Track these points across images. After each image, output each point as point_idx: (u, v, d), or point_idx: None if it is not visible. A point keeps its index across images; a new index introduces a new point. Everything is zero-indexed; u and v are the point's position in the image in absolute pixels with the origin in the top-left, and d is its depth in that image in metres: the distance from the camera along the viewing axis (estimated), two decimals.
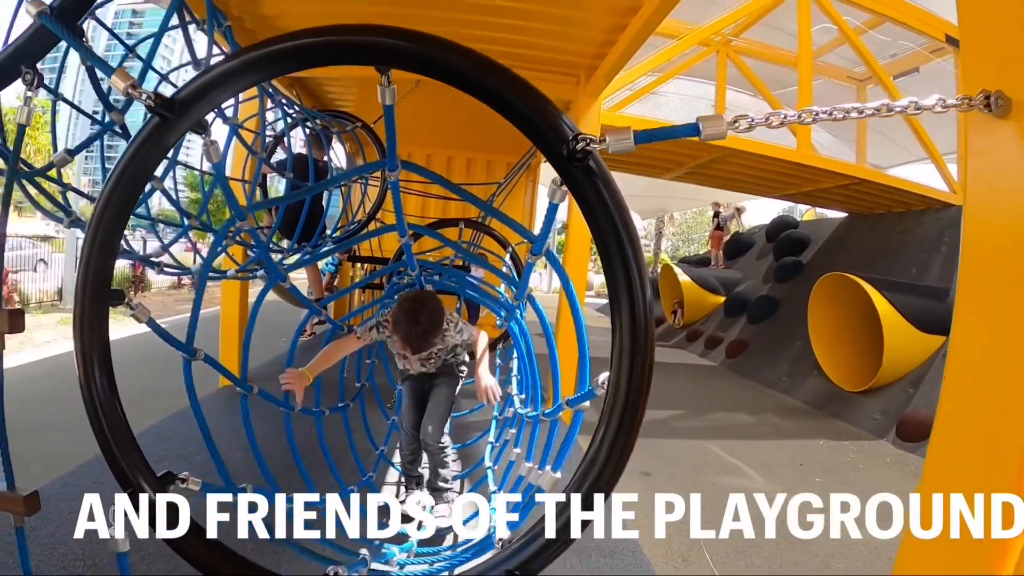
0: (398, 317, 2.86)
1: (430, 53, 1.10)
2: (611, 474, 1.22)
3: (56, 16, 1.33)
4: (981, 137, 1.13)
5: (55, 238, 17.91)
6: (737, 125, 1.02)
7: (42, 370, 7.79)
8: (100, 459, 3.41)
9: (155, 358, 8.40)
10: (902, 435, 7.13)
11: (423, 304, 2.90)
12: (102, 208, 1.23)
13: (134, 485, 1.33)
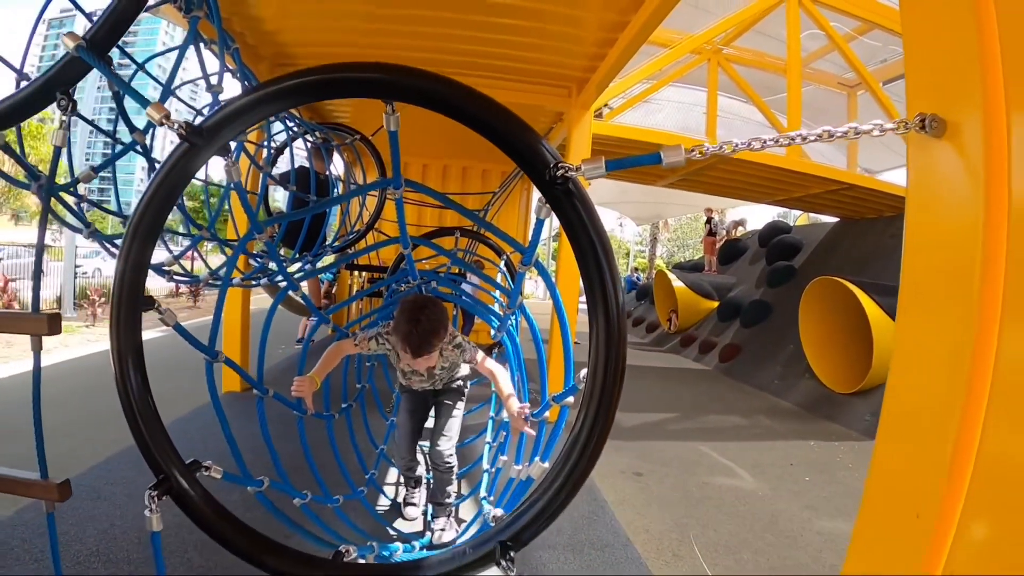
0: (398, 319, 2.80)
1: (433, 89, 1.26)
2: (593, 450, 1.37)
3: (89, 47, 1.47)
4: (920, 155, 1.27)
5: (51, 247, 17.94)
6: (693, 153, 1.16)
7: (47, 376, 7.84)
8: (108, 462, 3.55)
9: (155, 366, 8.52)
10: None
11: (424, 306, 2.83)
12: (136, 223, 1.37)
13: (166, 471, 1.45)
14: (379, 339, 3.06)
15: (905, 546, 1.23)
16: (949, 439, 1.15)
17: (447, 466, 3.34)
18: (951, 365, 1.17)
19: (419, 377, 3.27)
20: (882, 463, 1.33)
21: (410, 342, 2.72)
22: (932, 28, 1.30)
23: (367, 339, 3.08)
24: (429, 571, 1.55)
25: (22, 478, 1.71)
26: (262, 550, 1.53)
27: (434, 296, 3.46)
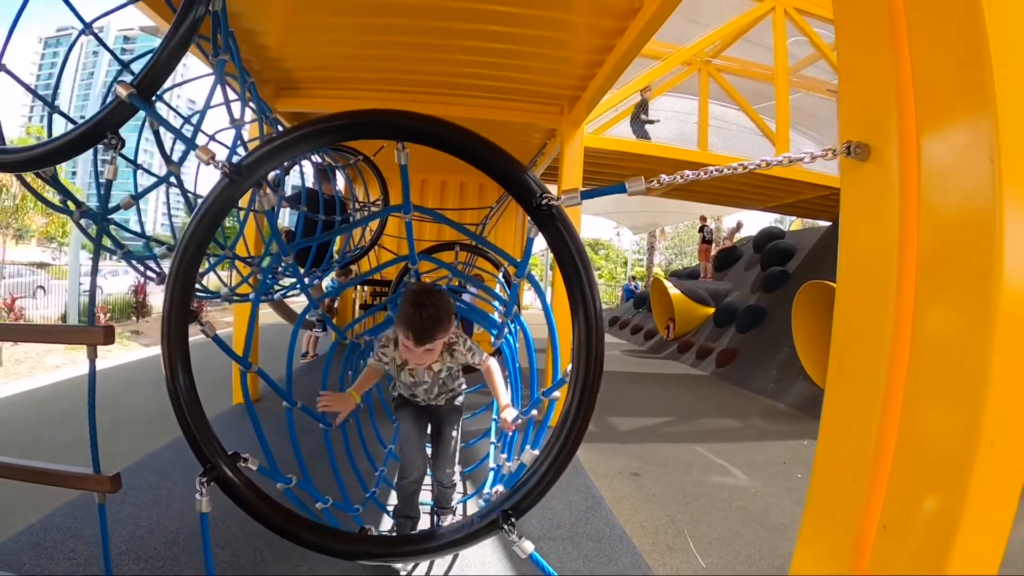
0: (402, 305, 2.68)
1: (439, 133, 1.50)
2: (579, 428, 1.61)
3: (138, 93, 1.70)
4: (849, 177, 1.50)
5: (52, 265, 18.15)
6: (652, 183, 1.40)
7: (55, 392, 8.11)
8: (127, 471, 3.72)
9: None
10: None
11: (429, 291, 2.74)
12: (184, 247, 1.60)
13: (212, 461, 1.67)
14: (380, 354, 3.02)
15: (847, 505, 1.45)
16: (876, 413, 1.38)
17: (452, 483, 3.27)
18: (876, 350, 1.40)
19: (424, 386, 3.15)
20: (826, 438, 1.56)
21: (414, 327, 2.59)
22: (860, 67, 1.53)
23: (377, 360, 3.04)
24: (444, 539, 1.79)
25: (78, 473, 1.92)
26: (297, 526, 1.75)
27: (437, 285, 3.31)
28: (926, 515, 1.28)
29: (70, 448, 5.19)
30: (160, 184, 2.68)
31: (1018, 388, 1.18)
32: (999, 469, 1.19)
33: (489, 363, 3.02)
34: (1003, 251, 1.15)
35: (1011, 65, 1.19)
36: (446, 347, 2.94)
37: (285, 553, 3.14)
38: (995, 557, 1.27)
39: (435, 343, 2.66)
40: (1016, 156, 1.17)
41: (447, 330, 2.69)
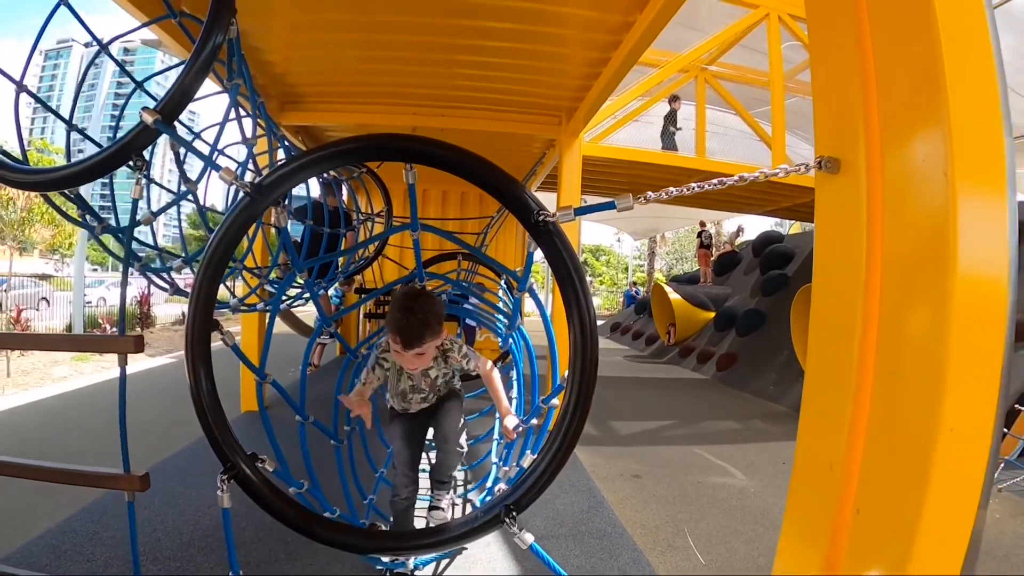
0: (391, 310, 2.65)
1: (446, 156, 1.63)
2: (576, 427, 1.71)
3: (162, 119, 1.83)
4: (823, 189, 1.63)
5: (54, 276, 18.23)
6: (639, 199, 1.52)
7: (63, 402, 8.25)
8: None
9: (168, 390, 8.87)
10: None
11: (417, 295, 2.71)
12: (208, 261, 1.72)
13: (232, 461, 1.79)
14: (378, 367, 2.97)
15: (825, 492, 1.57)
16: (848, 406, 1.50)
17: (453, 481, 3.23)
18: (848, 348, 1.53)
19: (420, 394, 3.11)
20: (805, 430, 1.68)
21: (402, 333, 2.56)
22: (832, 91, 1.66)
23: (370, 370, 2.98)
24: (450, 533, 1.91)
25: (109, 473, 2.05)
26: (311, 522, 1.87)
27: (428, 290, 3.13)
28: (894, 499, 1.40)
29: (79, 456, 5.31)
30: (179, 201, 2.81)
31: (973, 379, 1.31)
32: (960, 454, 1.31)
33: (487, 369, 2.98)
34: (957, 255, 1.28)
35: (963, 90, 1.32)
36: (440, 352, 2.94)
37: (297, 552, 3.26)
38: (960, 538, 1.39)
39: (424, 347, 2.62)
40: (967, 170, 1.30)
41: (437, 334, 2.66)
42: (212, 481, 3.94)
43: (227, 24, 1.96)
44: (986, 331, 1.32)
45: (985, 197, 1.35)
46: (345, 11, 4.52)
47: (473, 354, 3.02)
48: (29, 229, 13.00)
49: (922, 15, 1.35)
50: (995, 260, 1.35)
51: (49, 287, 18.09)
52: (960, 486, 1.34)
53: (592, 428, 7.64)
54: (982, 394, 1.33)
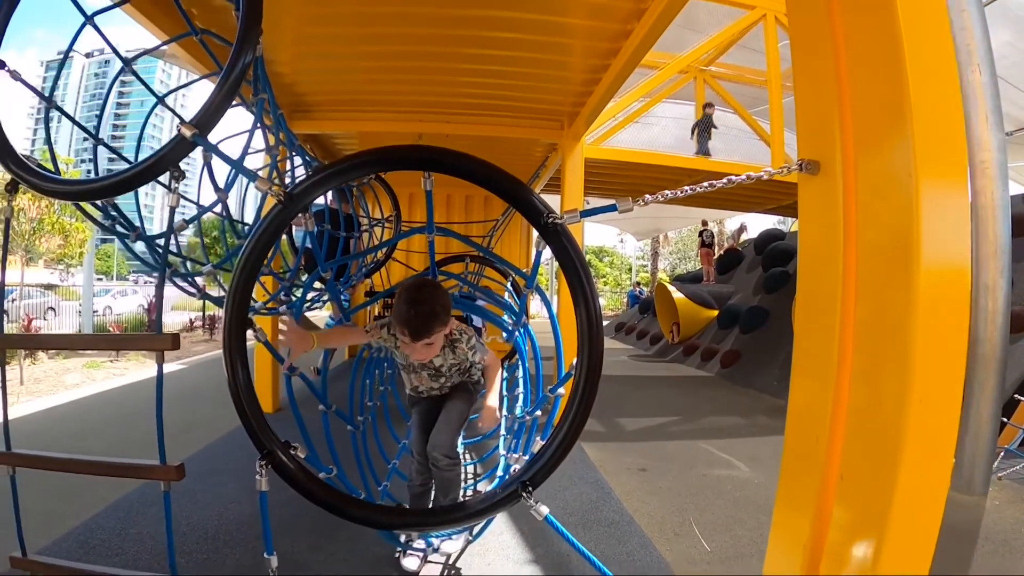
0: (397, 302, 2.63)
1: (463, 165, 1.79)
2: (584, 411, 1.86)
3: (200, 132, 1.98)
4: (805, 189, 1.79)
5: (60, 286, 18.31)
6: (638, 201, 1.68)
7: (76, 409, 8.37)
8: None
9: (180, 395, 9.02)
10: None
11: (423, 287, 2.71)
12: (243, 264, 1.88)
13: (269, 448, 1.94)
14: (390, 328, 2.87)
15: (813, 461, 1.73)
16: (831, 385, 1.66)
17: (449, 462, 3.04)
18: (829, 334, 1.68)
19: (428, 373, 3.11)
20: (795, 408, 1.84)
21: (409, 325, 2.56)
22: (812, 101, 1.83)
23: (379, 327, 2.92)
24: (472, 508, 2.07)
25: (147, 464, 2.20)
26: (344, 503, 2.02)
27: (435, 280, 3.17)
28: (874, 464, 1.56)
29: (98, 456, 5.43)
30: (211, 208, 2.98)
31: (939, 356, 1.46)
32: (930, 421, 1.47)
33: (491, 361, 3.05)
34: (921, 249, 1.44)
35: (926, 103, 1.48)
36: (448, 341, 2.93)
37: (320, 543, 3.42)
38: (935, 497, 1.54)
39: (432, 338, 2.63)
40: (929, 172, 1.46)
41: (444, 324, 2.67)
42: (231, 480, 4.15)
43: (255, 43, 2.11)
44: (949, 314, 1.47)
45: (947, 197, 1.50)
46: (352, 25, 4.67)
47: (482, 347, 3.03)
48: (40, 239, 13.15)
49: (890, 37, 1.51)
50: (956, 252, 1.50)
51: (56, 297, 18.18)
52: (932, 450, 1.50)
53: (598, 425, 7.78)
54: (948, 369, 1.48)
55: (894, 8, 1.48)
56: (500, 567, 3.20)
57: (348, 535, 3.52)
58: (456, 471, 3.10)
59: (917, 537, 1.52)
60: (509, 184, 1.83)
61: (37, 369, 12.12)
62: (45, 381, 11.22)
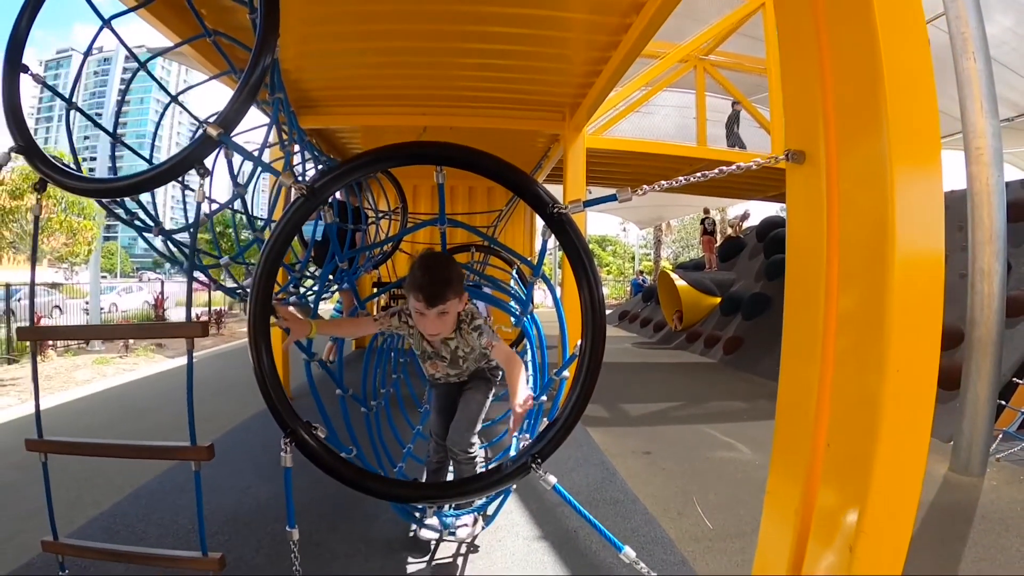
0: (412, 270, 2.59)
1: (476, 161, 1.92)
2: (588, 389, 1.99)
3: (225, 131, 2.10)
4: (792, 178, 1.91)
5: (64, 284, 18.40)
6: (637, 191, 1.80)
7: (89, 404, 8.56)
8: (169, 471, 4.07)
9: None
10: None
11: (438, 255, 2.71)
12: (266, 256, 2.01)
13: (292, 428, 2.07)
14: (401, 315, 2.83)
15: (803, 432, 1.86)
16: (817, 360, 1.79)
17: (467, 456, 3.11)
18: (815, 315, 1.81)
19: (442, 362, 3.03)
20: (785, 384, 1.97)
21: (424, 290, 2.51)
22: (798, 95, 1.95)
23: (389, 315, 2.86)
24: (486, 480, 2.21)
25: (178, 446, 2.32)
26: (364, 478, 2.15)
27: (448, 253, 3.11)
28: (857, 432, 1.69)
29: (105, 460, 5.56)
30: (229, 204, 3.11)
31: (914, 330, 1.59)
32: (906, 390, 1.59)
33: (500, 347, 2.87)
34: (896, 234, 1.57)
35: (900, 101, 1.60)
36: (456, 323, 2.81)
37: (337, 524, 3.55)
38: (914, 466, 1.67)
39: (447, 305, 2.57)
40: (903, 166, 1.58)
41: (458, 294, 2.62)
42: (247, 467, 4.28)
43: (274, 47, 2.21)
44: (923, 292, 1.60)
45: (921, 188, 1.62)
46: (355, 23, 4.78)
47: (487, 329, 2.87)
48: (47, 237, 13.28)
49: (868, 37, 1.63)
50: (930, 239, 1.63)
51: (60, 295, 18.29)
52: (909, 417, 1.62)
53: (603, 410, 7.91)
54: (923, 341, 1.60)
55: (872, 10, 1.59)
56: (511, 544, 3.33)
57: (364, 516, 3.66)
58: (473, 462, 3.13)
59: (898, 498, 1.64)
60: (518, 177, 1.96)
61: (47, 366, 12.28)
62: (56, 378, 11.36)
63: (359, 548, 3.28)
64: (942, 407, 6.92)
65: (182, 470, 4.38)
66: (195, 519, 3.57)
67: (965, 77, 5.53)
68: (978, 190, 5.47)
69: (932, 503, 4.93)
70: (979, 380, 5.51)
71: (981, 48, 5.53)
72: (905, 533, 1.68)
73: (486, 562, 3.14)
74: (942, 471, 5.63)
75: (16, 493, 4.70)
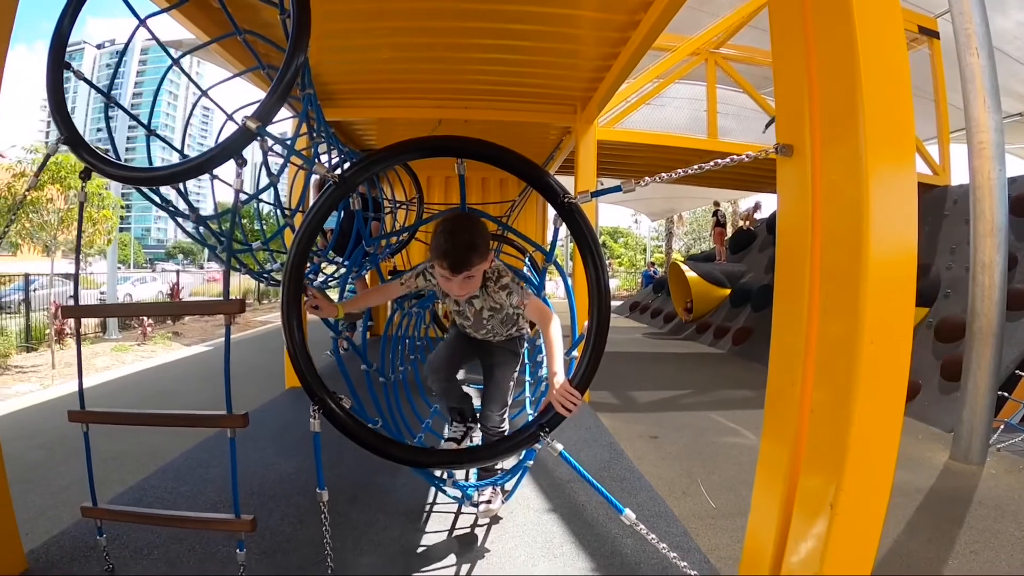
0: (435, 235, 2.51)
1: (491, 153, 2.10)
2: (593, 366, 2.18)
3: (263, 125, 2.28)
4: (781, 168, 2.09)
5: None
6: (640, 183, 1.98)
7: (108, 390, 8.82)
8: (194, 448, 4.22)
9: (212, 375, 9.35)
10: None
11: (461, 218, 2.62)
12: (299, 241, 2.20)
13: (320, 397, 2.25)
14: (426, 274, 2.80)
15: (789, 399, 2.05)
16: (803, 336, 1.96)
17: (497, 432, 3.16)
18: (800, 294, 1.99)
19: (466, 322, 3.03)
20: (775, 357, 2.16)
21: (448, 257, 2.45)
22: (788, 94, 2.13)
23: (414, 276, 2.83)
24: (498, 448, 2.40)
25: (215, 414, 2.51)
26: (387, 445, 2.34)
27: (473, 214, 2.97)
28: (837, 398, 1.87)
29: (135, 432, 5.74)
30: (264, 191, 3.30)
31: (886, 304, 1.77)
32: (879, 360, 1.77)
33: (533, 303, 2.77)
34: (870, 223, 1.75)
35: (875, 106, 1.78)
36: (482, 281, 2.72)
37: (358, 495, 3.73)
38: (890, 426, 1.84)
39: (473, 270, 2.52)
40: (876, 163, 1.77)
41: (484, 257, 2.54)
42: (269, 445, 4.49)
43: (306, 46, 2.38)
44: (895, 274, 1.77)
45: (894, 182, 1.80)
46: (372, 20, 4.90)
47: (517, 288, 2.75)
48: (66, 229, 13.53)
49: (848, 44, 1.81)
50: (902, 229, 1.81)
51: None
52: (883, 384, 1.80)
53: (612, 397, 8.09)
54: (895, 315, 1.78)
55: (852, 19, 1.76)
56: (523, 516, 3.49)
57: (381, 489, 3.84)
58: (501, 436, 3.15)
59: (875, 457, 1.82)
60: (532, 170, 2.16)
61: (67, 354, 12.49)
62: (75, 365, 11.57)
63: (377, 518, 3.44)
64: (945, 398, 7.06)
65: (205, 449, 4.59)
66: (221, 492, 3.81)
67: (969, 72, 5.65)
68: (980, 184, 5.59)
69: (931, 489, 5.07)
70: (979, 370, 5.64)
71: (985, 44, 5.65)
72: (883, 491, 1.85)
73: (500, 532, 3.30)
74: (943, 459, 5.78)
75: (45, 471, 4.94)
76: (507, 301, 2.77)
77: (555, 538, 3.23)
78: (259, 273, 3.90)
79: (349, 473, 4.02)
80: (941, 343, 8.17)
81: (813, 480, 1.95)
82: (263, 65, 3.66)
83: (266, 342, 12.08)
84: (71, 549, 2.98)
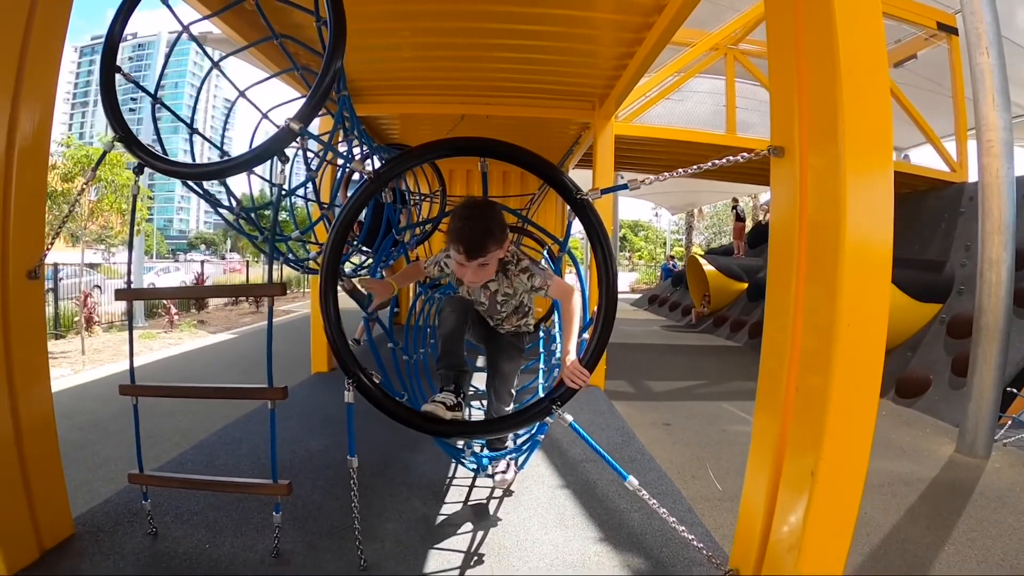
0: (452, 219, 2.55)
1: (510, 152, 2.32)
2: (602, 347, 2.40)
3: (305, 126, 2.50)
4: (774, 168, 2.29)
5: (102, 264, 18.91)
6: (645, 181, 2.19)
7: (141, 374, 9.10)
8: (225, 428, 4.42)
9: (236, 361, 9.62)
10: (900, 392, 8.05)
11: (478, 204, 2.66)
12: (336, 231, 2.43)
13: (354, 372, 2.48)
14: (442, 264, 2.90)
15: (778, 378, 2.25)
16: (790, 318, 2.17)
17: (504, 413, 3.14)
18: (788, 282, 2.19)
19: (480, 306, 3.05)
20: (768, 340, 2.35)
21: (463, 242, 2.47)
22: (781, 98, 2.33)
23: (433, 264, 2.93)
24: (513, 420, 2.63)
25: (258, 387, 2.74)
26: (413, 416, 2.57)
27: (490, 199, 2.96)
28: (816, 377, 2.07)
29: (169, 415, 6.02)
30: (303, 185, 3.53)
31: (862, 290, 1.97)
32: (856, 341, 1.97)
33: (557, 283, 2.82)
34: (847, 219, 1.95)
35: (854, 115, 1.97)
36: (501, 266, 2.76)
37: (382, 471, 3.95)
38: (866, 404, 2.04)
39: (488, 256, 2.54)
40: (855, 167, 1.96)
41: (500, 243, 2.56)
42: (296, 425, 4.73)
43: (343, 52, 2.56)
44: (869, 264, 1.97)
45: (870, 185, 1.98)
46: (397, 21, 5.09)
47: (538, 269, 2.80)
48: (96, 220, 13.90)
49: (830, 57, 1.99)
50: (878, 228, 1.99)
51: (100, 275, 18.76)
52: (859, 363, 1.99)
53: (627, 386, 8.30)
54: (870, 301, 1.97)
55: (835, 33, 1.95)
56: (536, 491, 3.69)
57: (405, 465, 4.06)
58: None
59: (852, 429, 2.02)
60: (547, 168, 2.39)
61: (96, 340, 12.83)
62: (105, 351, 11.89)
63: (400, 490, 3.65)
64: (955, 393, 7.17)
65: (237, 427, 4.82)
66: (254, 466, 4.05)
67: (979, 72, 5.77)
68: (988, 181, 5.72)
69: (934, 479, 5.22)
70: (985, 366, 5.76)
71: (995, 43, 5.76)
72: (861, 463, 2.05)
73: (515, 504, 3.51)
74: (948, 452, 5.93)
75: (81, 449, 5.23)
76: (527, 284, 2.80)
77: (567, 511, 3.42)
78: (296, 260, 4.11)
79: (374, 450, 4.24)
80: (953, 339, 8.26)
81: (797, 453, 2.14)
82: (297, 67, 3.87)
83: (289, 331, 12.33)
84: (115, 515, 3.19)
